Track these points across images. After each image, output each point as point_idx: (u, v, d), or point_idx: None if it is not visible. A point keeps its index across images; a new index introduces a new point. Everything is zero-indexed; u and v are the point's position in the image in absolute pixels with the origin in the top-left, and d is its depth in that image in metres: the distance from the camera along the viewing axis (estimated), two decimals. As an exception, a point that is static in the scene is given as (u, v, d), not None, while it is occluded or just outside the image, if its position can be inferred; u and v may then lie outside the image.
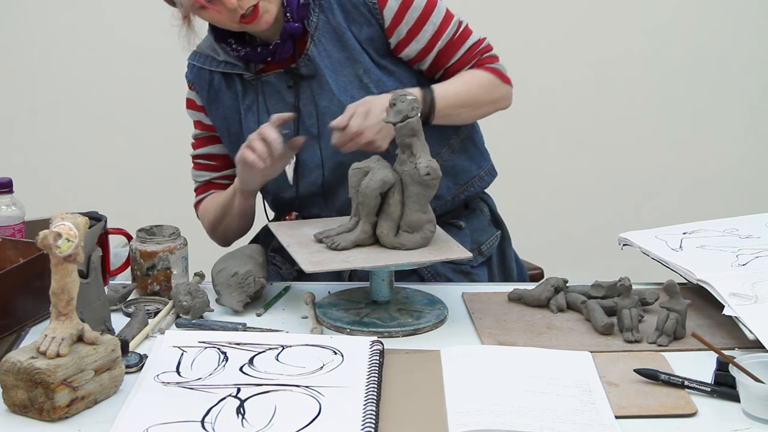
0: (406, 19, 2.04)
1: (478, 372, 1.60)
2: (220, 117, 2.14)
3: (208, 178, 2.20)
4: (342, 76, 2.05)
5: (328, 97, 2.04)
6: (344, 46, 2.04)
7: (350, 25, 2.05)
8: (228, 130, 2.14)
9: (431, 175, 1.78)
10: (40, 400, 1.46)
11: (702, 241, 2.03)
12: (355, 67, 2.05)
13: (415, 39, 2.05)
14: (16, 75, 3.71)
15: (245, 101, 2.11)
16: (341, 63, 2.05)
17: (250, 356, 1.65)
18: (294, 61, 2.06)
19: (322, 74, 2.04)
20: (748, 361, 1.54)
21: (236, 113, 2.12)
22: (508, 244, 2.28)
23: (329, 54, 2.05)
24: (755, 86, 3.84)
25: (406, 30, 2.05)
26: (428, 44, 2.06)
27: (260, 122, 2.04)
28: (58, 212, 1.50)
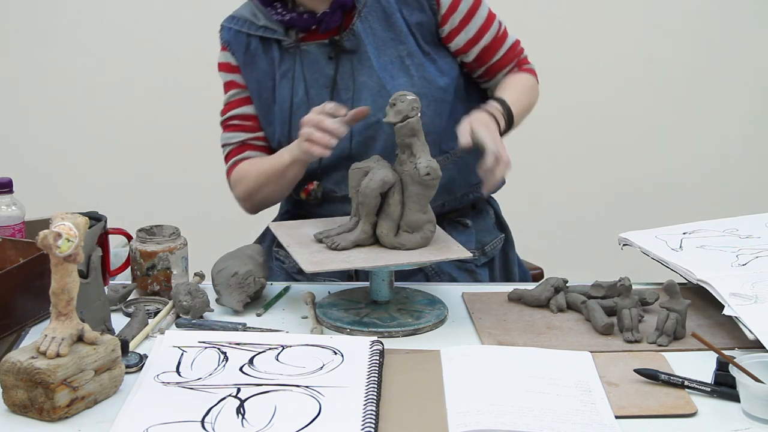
0: (460, 9, 2.07)
1: (478, 372, 1.60)
2: (253, 81, 2.13)
3: (243, 138, 2.16)
4: (384, 55, 2.06)
5: (368, 74, 2.05)
6: (391, 26, 2.06)
7: (401, 6, 2.06)
8: (260, 95, 2.13)
9: (431, 175, 1.78)
10: (40, 400, 1.46)
11: (702, 241, 2.03)
12: (399, 48, 2.06)
13: (464, 29, 2.08)
14: (16, 75, 3.71)
15: (281, 67, 2.10)
16: (385, 42, 2.06)
17: (250, 356, 1.65)
18: (338, 33, 2.06)
19: (365, 50, 2.05)
20: (748, 361, 1.54)
21: (270, 79, 2.12)
22: (511, 248, 2.29)
23: (374, 31, 2.06)
24: (756, 86, 3.83)
25: (458, 19, 2.08)
26: (475, 36, 2.10)
27: (294, 91, 2.06)
28: (58, 212, 1.50)
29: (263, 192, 2.11)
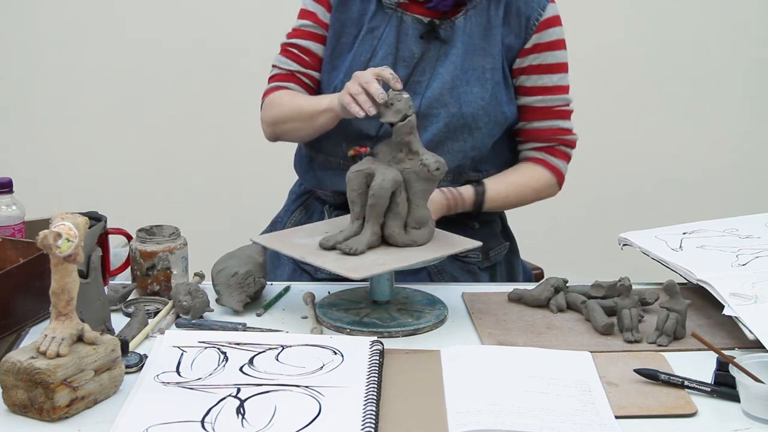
0: (541, 57, 2.10)
1: (478, 372, 1.60)
2: (339, 22, 2.11)
3: (295, 69, 2.15)
4: (470, 60, 2.07)
5: (448, 69, 2.06)
6: (488, 37, 2.07)
7: (504, 24, 2.08)
8: (338, 39, 2.11)
9: (441, 169, 1.79)
10: (40, 400, 1.46)
11: (702, 241, 2.03)
12: (485, 59, 2.07)
13: (528, 76, 2.11)
14: (16, 75, 3.71)
15: (371, 22, 2.09)
16: (476, 49, 2.07)
17: (250, 356, 1.65)
18: (440, 17, 2.06)
19: (455, 47, 2.06)
20: (748, 361, 1.54)
21: (356, 28, 2.10)
22: (516, 257, 2.29)
23: (471, 34, 2.07)
24: (755, 86, 3.84)
25: (532, 63, 2.10)
26: (535, 89, 2.12)
27: (375, 51, 2.06)
28: (58, 212, 1.50)
29: (289, 125, 2.09)
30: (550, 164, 2.16)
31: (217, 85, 3.69)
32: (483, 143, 2.09)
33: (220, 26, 3.68)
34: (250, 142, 3.66)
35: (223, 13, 3.69)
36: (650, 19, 3.78)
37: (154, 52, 3.70)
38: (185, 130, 3.74)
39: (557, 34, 2.12)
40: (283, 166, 2.54)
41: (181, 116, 3.72)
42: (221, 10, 3.68)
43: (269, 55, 2.24)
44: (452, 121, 2.05)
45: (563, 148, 2.17)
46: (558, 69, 2.13)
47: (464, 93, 2.04)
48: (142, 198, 3.71)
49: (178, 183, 3.76)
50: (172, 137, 3.75)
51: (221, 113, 3.69)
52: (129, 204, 3.58)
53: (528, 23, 2.08)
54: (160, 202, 3.68)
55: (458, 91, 2.05)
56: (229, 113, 3.68)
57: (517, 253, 2.30)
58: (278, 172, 2.72)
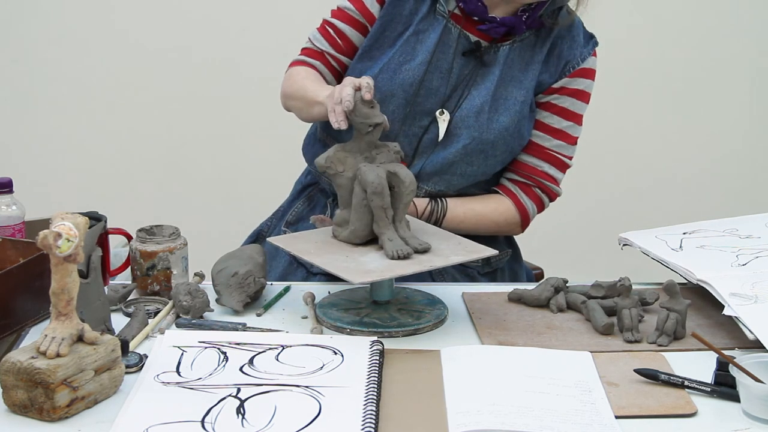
0: (562, 100, 2.11)
1: (478, 372, 1.60)
2: (389, 15, 2.10)
3: (325, 50, 2.14)
4: (504, 89, 2.07)
5: (480, 93, 2.06)
6: (526, 71, 2.08)
7: (544, 62, 2.09)
8: (383, 31, 2.10)
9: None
10: (40, 400, 1.46)
11: (702, 241, 2.03)
12: (519, 91, 2.07)
13: (548, 113, 2.12)
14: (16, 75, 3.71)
15: (419, 25, 2.08)
16: (512, 80, 2.07)
17: (250, 356, 1.65)
18: (488, 40, 2.07)
19: (493, 73, 2.07)
20: (748, 361, 1.54)
21: (403, 26, 2.09)
22: (518, 264, 2.29)
23: (511, 65, 2.08)
24: (755, 86, 3.84)
25: (553, 102, 2.11)
26: (541, 126, 2.12)
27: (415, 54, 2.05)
28: (58, 212, 1.50)
29: (294, 103, 2.09)
30: (520, 201, 2.14)
31: (218, 85, 3.69)
32: (494, 169, 2.11)
33: (220, 26, 3.68)
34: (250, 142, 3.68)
35: (223, 12, 3.69)
36: (650, 19, 3.78)
37: (154, 52, 3.70)
38: (185, 131, 3.74)
39: (586, 85, 2.14)
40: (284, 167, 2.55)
41: (181, 116, 3.72)
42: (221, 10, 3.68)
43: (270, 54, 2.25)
44: (471, 145, 2.05)
45: (539, 191, 2.15)
46: (571, 117, 2.13)
47: (490, 120, 2.04)
48: (142, 198, 3.71)
49: (178, 183, 3.76)
50: (172, 137, 3.75)
51: (222, 113, 3.69)
52: (129, 204, 3.58)
53: (565, 67, 2.10)
54: (160, 202, 3.68)
55: (483, 118, 2.05)
56: (230, 113, 3.68)
57: (519, 260, 2.29)
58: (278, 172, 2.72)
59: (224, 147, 3.73)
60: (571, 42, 2.12)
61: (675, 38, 3.79)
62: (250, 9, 3.64)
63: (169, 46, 3.68)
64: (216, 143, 3.74)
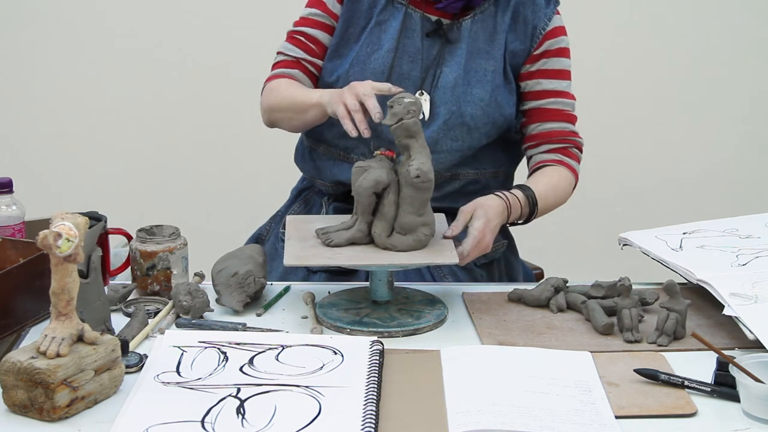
0: (547, 63, 2.12)
1: (478, 372, 1.60)
2: (349, 12, 2.13)
3: (300, 57, 2.15)
4: (473, 62, 2.09)
5: (451, 70, 2.08)
6: (492, 41, 2.09)
7: (510, 30, 2.10)
8: (347, 28, 2.13)
9: (421, 177, 1.77)
10: (40, 400, 1.46)
11: (702, 241, 2.03)
12: (488, 62, 2.09)
13: (538, 80, 2.12)
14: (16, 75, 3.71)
15: (380, 15, 2.11)
16: (480, 52, 2.09)
17: (250, 356, 1.65)
18: (449, 17, 2.09)
19: (460, 48, 2.08)
20: (748, 361, 1.54)
21: (365, 20, 2.12)
22: (514, 255, 2.29)
23: (476, 37, 2.09)
24: (756, 86, 3.83)
25: (538, 69, 2.12)
26: (544, 93, 2.13)
27: (381, 43, 2.08)
28: (58, 212, 1.50)
29: (283, 114, 2.10)
30: (568, 164, 2.15)
31: (218, 84, 3.69)
32: (479, 143, 2.10)
33: (219, 25, 3.68)
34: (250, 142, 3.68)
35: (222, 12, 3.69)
36: (650, 19, 3.78)
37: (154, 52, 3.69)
38: (185, 130, 3.74)
39: (564, 42, 2.15)
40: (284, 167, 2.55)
41: (181, 116, 3.72)
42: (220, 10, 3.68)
43: (269, 54, 2.25)
44: (451, 119, 2.07)
45: (575, 150, 2.17)
46: (565, 75, 2.15)
47: (464, 93, 2.06)
48: (142, 198, 3.71)
49: (178, 183, 3.76)
50: (172, 137, 3.75)
51: (221, 113, 3.69)
52: (129, 204, 3.57)
53: (535, 31, 2.11)
54: (160, 202, 3.68)
55: (459, 91, 2.06)
56: (230, 113, 3.68)
57: (515, 252, 2.30)
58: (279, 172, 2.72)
59: (224, 147, 3.74)
60: (533, 6, 2.12)
61: (675, 38, 3.78)
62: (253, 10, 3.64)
63: (170, 46, 3.68)
64: (216, 143, 3.74)
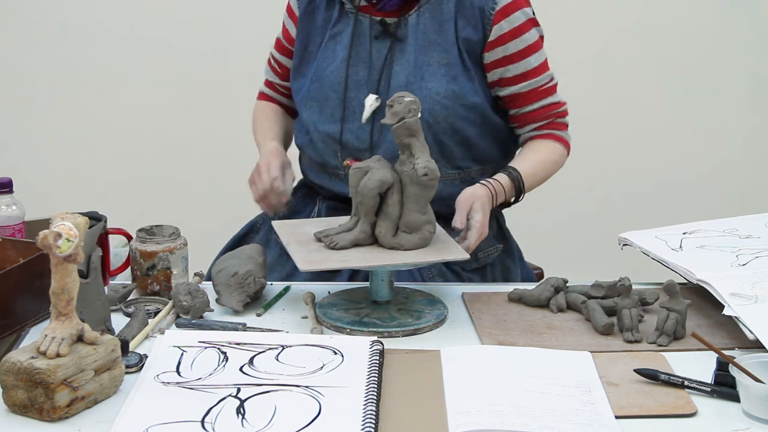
0: (509, 45, 2.08)
1: (478, 372, 1.60)
2: (305, 31, 2.17)
3: (271, 79, 2.32)
4: (424, 56, 2.07)
5: (403, 67, 2.08)
6: (441, 32, 2.07)
7: (458, 18, 2.07)
8: (305, 47, 2.17)
9: (429, 175, 1.78)
10: (40, 400, 1.46)
11: (702, 241, 2.03)
12: (440, 54, 2.07)
13: (506, 67, 2.09)
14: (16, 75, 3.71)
15: (334, 28, 2.13)
16: (431, 44, 2.08)
17: (250, 356, 1.65)
18: (395, 16, 2.09)
19: (409, 44, 2.08)
20: (748, 361, 1.54)
21: (320, 36, 2.15)
22: (512, 259, 2.27)
23: (425, 30, 2.08)
24: (755, 86, 3.83)
25: (503, 54, 2.09)
26: (515, 78, 2.10)
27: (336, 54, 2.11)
28: (58, 212, 1.50)
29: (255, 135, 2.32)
30: (555, 136, 2.15)
31: (217, 84, 3.69)
32: (450, 137, 2.09)
33: (219, 25, 3.68)
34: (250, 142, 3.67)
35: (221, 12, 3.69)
36: (650, 19, 3.78)
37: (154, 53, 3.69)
38: (185, 130, 3.74)
39: (519, 18, 2.08)
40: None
41: (181, 116, 3.72)
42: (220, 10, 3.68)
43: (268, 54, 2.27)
44: None
45: (560, 120, 2.16)
46: (531, 51, 2.10)
47: (419, 89, 2.05)
48: (142, 198, 3.71)
49: (178, 183, 3.76)
50: (172, 137, 3.75)
51: (221, 113, 3.69)
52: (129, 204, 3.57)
53: (483, 15, 2.07)
54: (160, 202, 3.68)
55: (413, 88, 2.05)
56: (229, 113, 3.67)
57: (513, 255, 2.28)
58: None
59: (225, 147, 3.73)
60: None
61: (675, 39, 3.78)
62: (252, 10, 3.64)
63: (171, 47, 3.68)
64: (217, 143, 3.74)
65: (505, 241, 2.26)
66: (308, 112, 2.15)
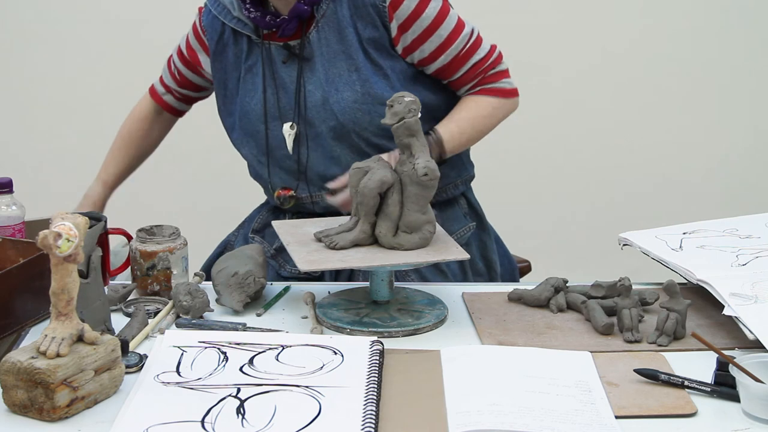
0: (413, 29, 2.07)
1: (478, 372, 1.60)
2: (221, 70, 2.19)
3: (168, 83, 2.40)
4: (334, 68, 2.08)
5: (315, 84, 2.09)
6: (343, 39, 2.07)
7: (356, 21, 2.07)
8: (225, 85, 2.19)
9: (429, 175, 1.78)
10: (40, 400, 1.46)
11: (702, 241, 2.03)
12: (348, 62, 2.07)
13: (419, 48, 2.09)
14: (15, 75, 3.71)
15: (247, 62, 2.15)
16: (336, 54, 2.08)
17: (250, 356, 1.65)
18: (298, 37, 2.09)
19: (316, 61, 2.09)
20: (748, 361, 1.54)
21: (236, 71, 2.17)
22: (488, 236, 2.28)
23: (328, 43, 2.08)
24: (755, 86, 3.84)
25: (411, 39, 2.08)
26: (432, 54, 2.09)
27: (255, 86, 2.13)
28: (58, 212, 1.50)
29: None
30: (487, 89, 2.14)
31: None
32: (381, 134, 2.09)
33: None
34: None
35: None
36: (650, 20, 3.78)
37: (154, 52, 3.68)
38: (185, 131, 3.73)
39: (412, 2, 2.06)
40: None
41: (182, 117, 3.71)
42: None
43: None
44: (335, 132, 2.09)
45: (491, 71, 2.14)
46: (437, 23, 2.07)
47: (336, 103, 2.07)
48: (142, 198, 3.71)
49: (178, 183, 3.76)
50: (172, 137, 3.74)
51: (221, 113, 3.69)
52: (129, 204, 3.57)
53: (377, 10, 2.06)
54: (160, 202, 3.68)
55: (330, 103, 2.07)
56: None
57: (488, 230, 2.29)
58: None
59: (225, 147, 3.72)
60: None
61: (674, 39, 3.79)
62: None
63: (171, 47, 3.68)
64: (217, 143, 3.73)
65: (478, 219, 2.27)
66: (247, 148, 2.19)
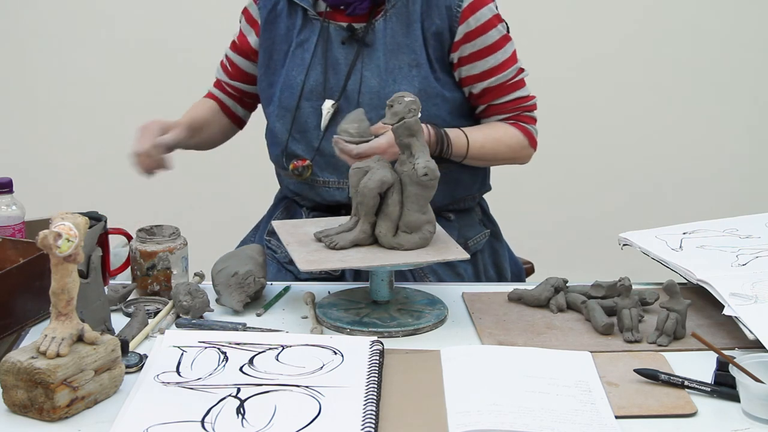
0: (474, 43, 2.08)
1: (478, 372, 1.60)
2: (269, 39, 2.17)
3: (221, 78, 2.32)
4: (394, 59, 2.08)
5: (373, 72, 2.08)
6: (409, 33, 2.07)
7: (425, 16, 2.07)
8: (271, 56, 2.17)
9: (429, 175, 1.78)
10: (40, 400, 1.46)
11: (702, 241, 2.03)
12: (409, 56, 2.07)
13: (472, 64, 2.10)
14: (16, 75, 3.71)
15: (299, 36, 2.13)
16: (400, 47, 2.08)
17: (250, 356, 1.65)
18: (362, 21, 2.08)
19: (377, 49, 2.08)
20: (748, 361, 1.54)
21: (286, 44, 2.15)
22: (500, 244, 2.29)
23: (393, 34, 2.08)
24: (756, 85, 3.83)
25: (469, 52, 2.09)
26: (481, 75, 2.10)
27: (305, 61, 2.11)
28: (58, 212, 1.50)
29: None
30: (521, 126, 2.15)
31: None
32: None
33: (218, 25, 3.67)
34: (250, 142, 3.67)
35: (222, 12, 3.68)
36: (651, 20, 3.78)
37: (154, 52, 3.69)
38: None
39: (485, 15, 2.08)
40: (283, 166, 2.54)
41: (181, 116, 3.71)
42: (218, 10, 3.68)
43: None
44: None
45: (527, 114, 2.16)
46: (497, 47, 2.10)
47: (392, 93, 2.04)
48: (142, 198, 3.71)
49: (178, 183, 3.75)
50: (172, 137, 3.74)
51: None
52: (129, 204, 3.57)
53: (450, 13, 2.07)
54: (160, 202, 3.68)
55: (386, 92, 2.05)
56: (229, 113, 3.68)
57: (501, 239, 2.30)
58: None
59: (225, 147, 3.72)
60: None
61: (675, 40, 3.79)
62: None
63: (171, 47, 3.68)
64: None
65: (492, 226, 2.28)
66: (281, 122, 2.15)
